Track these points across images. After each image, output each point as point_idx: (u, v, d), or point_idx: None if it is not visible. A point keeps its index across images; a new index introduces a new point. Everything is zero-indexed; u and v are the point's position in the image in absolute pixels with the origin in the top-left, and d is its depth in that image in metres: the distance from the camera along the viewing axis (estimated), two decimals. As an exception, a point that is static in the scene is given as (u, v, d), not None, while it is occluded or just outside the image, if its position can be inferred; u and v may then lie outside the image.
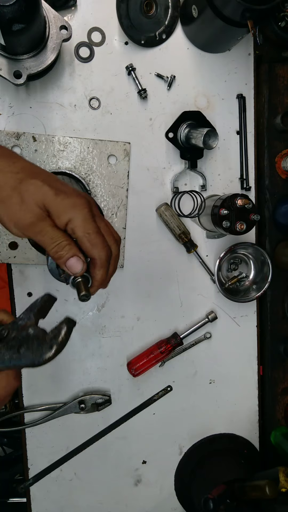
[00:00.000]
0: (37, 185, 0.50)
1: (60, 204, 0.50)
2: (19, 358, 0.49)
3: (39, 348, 0.47)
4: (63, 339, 0.47)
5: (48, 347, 0.47)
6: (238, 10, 0.68)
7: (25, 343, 0.49)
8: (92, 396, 0.89)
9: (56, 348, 0.47)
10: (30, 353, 0.48)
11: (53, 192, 0.50)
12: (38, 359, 0.47)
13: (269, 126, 0.89)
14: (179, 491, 0.97)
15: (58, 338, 0.47)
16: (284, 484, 0.79)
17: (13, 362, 0.49)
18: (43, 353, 0.47)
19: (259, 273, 0.91)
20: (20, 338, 0.50)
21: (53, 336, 0.47)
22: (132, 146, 0.86)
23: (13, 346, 0.50)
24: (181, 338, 0.89)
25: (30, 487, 0.91)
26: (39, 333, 0.49)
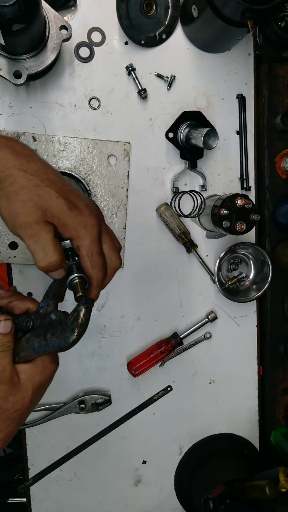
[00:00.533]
0: (51, 194, 0.49)
1: (73, 220, 0.50)
2: (46, 345, 0.50)
3: (63, 333, 0.48)
4: (83, 321, 0.47)
5: (70, 330, 0.47)
6: (238, 10, 0.68)
7: (50, 329, 0.50)
8: (92, 396, 0.89)
9: (78, 330, 0.47)
10: (56, 338, 0.49)
11: (67, 207, 0.50)
12: (64, 344, 0.48)
13: (269, 126, 0.89)
14: (179, 491, 0.97)
15: (78, 320, 0.47)
16: (284, 484, 0.79)
17: (42, 349, 0.50)
18: (68, 337, 0.47)
19: (259, 273, 0.91)
20: (45, 324, 0.51)
21: (73, 319, 0.47)
22: (132, 146, 0.86)
23: (40, 334, 0.51)
24: (181, 338, 0.89)
25: (30, 487, 0.91)
26: (61, 317, 0.50)
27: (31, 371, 0.53)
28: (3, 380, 0.51)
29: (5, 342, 0.52)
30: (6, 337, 0.52)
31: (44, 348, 0.50)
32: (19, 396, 0.52)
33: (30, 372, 0.53)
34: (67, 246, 0.53)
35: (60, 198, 0.50)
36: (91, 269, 0.52)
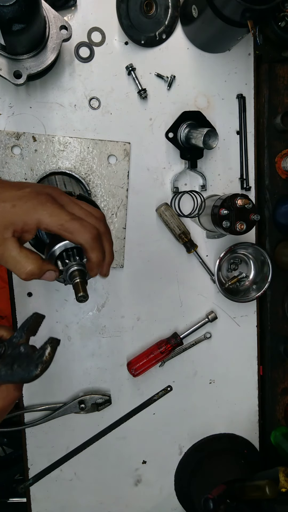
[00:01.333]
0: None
1: (21, 212, 0.49)
2: (12, 375, 0.52)
3: (28, 366, 0.51)
4: (47, 359, 0.50)
5: (34, 365, 0.50)
6: (238, 10, 0.68)
7: (17, 360, 0.53)
8: (92, 396, 0.89)
9: (42, 367, 0.50)
10: (21, 370, 0.52)
11: (10, 205, 0.49)
12: (27, 377, 0.51)
13: (269, 126, 0.89)
14: (179, 491, 0.97)
15: (43, 357, 0.50)
16: (284, 484, 0.79)
17: (7, 378, 0.53)
18: (31, 371, 0.50)
19: (259, 273, 0.91)
20: (13, 355, 0.54)
21: (39, 355, 0.51)
22: (132, 146, 0.86)
23: (8, 363, 0.53)
24: (181, 338, 0.89)
25: (30, 487, 0.91)
26: (29, 351, 0.53)
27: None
28: None
29: None
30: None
31: (9, 377, 0.52)
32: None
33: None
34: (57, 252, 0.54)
35: (0, 203, 0.49)
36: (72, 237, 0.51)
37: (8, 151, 0.80)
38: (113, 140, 0.84)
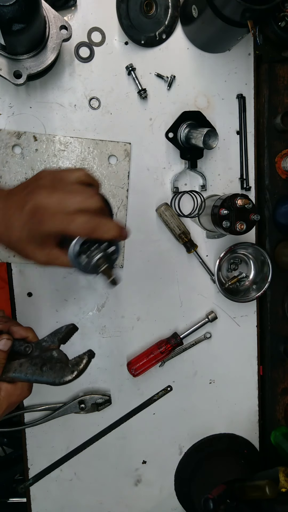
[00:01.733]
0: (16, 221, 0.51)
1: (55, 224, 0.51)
2: (41, 375, 0.56)
3: (61, 371, 0.55)
4: (83, 368, 0.55)
5: (69, 371, 0.54)
6: (238, 10, 0.68)
7: (48, 363, 0.56)
8: (92, 396, 0.89)
9: (77, 373, 0.54)
10: (53, 373, 0.55)
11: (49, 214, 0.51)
12: (59, 380, 0.54)
13: (269, 126, 0.89)
14: (179, 491, 0.97)
15: (79, 365, 0.55)
16: (284, 484, 0.79)
17: (35, 378, 0.56)
18: (64, 376, 0.54)
19: (259, 273, 0.91)
20: (44, 357, 0.57)
21: (75, 363, 0.55)
22: (132, 146, 0.86)
23: (36, 364, 0.57)
24: (181, 338, 0.89)
25: (30, 487, 0.91)
26: (63, 357, 0.57)
27: (11, 392, 0.58)
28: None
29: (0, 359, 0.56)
30: (2, 354, 0.57)
31: (37, 377, 0.56)
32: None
33: (10, 392, 0.58)
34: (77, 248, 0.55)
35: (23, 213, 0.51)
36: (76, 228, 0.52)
37: (9, 150, 0.80)
38: (114, 140, 0.84)
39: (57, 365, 0.55)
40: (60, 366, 0.55)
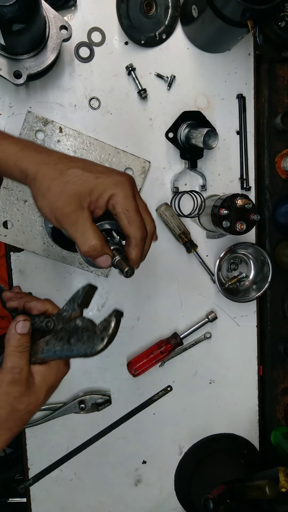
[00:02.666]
0: (76, 173, 0.51)
1: (102, 184, 0.51)
2: (70, 349, 0.50)
3: (90, 340, 0.49)
4: (113, 331, 0.48)
5: (99, 339, 0.48)
6: (238, 10, 0.68)
7: (75, 334, 0.51)
8: (92, 396, 0.89)
9: (107, 340, 0.48)
10: (82, 344, 0.49)
11: (94, 176, 0.51)
12: (90, 351, 0.48)
13: (269, 126, 0.89)
14: (179, 491, 0.97)
15: (108, 330, 0.48)
16: (284, 484, 0.79)
17: (65, 353, 0.51)
18: (95, 345, 0.48)
19: (259, 273, 0.91)
20: (68, 329, 0.52)
21: (103, 328, 0.48)
22: (132, 146, 0.86)
23: (62, 338, 0.51)
24: (181, 338, 0.89)
25: (30, 487, 0.91)
26: (88, 325, 0.50)
27: (46, 373, 0.54)
28: (19, 381, 0.51)
29: (23, 343, 0.52)
30: (24, 337, 0.53)
31: (67, 352, 0.51)
32: (33, 398, 0.52)
33: (45, 374, 0.53)
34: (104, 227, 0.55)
35: (85, 172, 0.51)
36: (128, 226, 0.52)
37: (32, 133, 0.81)
38: (136, 154, 0.84)
39: (85, 335, 0.50)
40: (88, 335, 0.49)
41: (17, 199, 0.82)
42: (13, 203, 0.82)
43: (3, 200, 0.81)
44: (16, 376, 0.51)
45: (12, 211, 0.82)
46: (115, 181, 0.52)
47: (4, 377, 0.51)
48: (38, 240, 0.83)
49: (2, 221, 0.82)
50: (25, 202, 0.82)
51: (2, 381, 0.51)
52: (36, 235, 0.83)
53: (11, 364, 0.51)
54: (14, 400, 0.51)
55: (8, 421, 0.51)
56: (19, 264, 0.85)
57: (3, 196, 0.81)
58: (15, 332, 0.52)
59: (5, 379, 0.51)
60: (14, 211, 0.82)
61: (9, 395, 0.50)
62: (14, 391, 0.51)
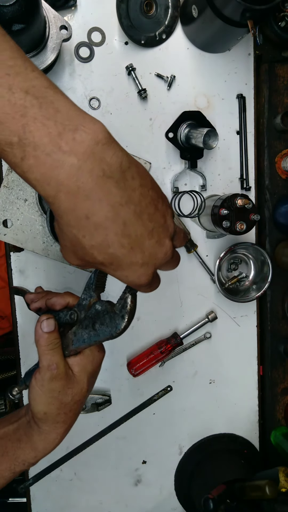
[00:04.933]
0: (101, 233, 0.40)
1: (116, 275, 0.46)
2: (97, 335, 0.52)
3: (112, 321, 0.50)
4: (132, 307, 0.49)
5: (120, 317, 0.49)
6: (238, 10, 0.68)
7: (98, 319, 0.52)
8: (92, 396, 0.89)
9: (128, 316, 0.49)
10: (106, 327, 0.51)
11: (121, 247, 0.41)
12: (115, 331, 0.50)
13: (269, 126, 0.89)
14: (179, 491, 0.97)
15: (126, 307, 0.49)
16: (284, 484, 0.79)
17: (93, 339, 0.52)
18: (118, 324, 0.49)
19: (259, 273, 0.91)
20: (91, 316, 0.53)
21: (121, 306, 0.50)
22: (132, 146, 0.86)
23: (87, 325, 0.53)
24: (181, 338, 0.89)
25: (30, 487, 0.91)
26: (107, 307, 0.52)
27: (83, 362, 0.55)
28: (59, 376, 0.52)
29: (52, 340, 0.53)
30: (52, 334, 0.54)
31: (95, 338, 0.52)
32: (77, 388, 0.54)
33: (82, 364, 0.55)
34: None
35: (118, 236, 0.40)
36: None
37: None
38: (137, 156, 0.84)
39: (106, 318, 0.51)
40: (109, 316, 0.50)
41: (17, 198, 0.82)
42: (13, 202, 0.82)
43: (3, 199, 0.81)
44: (54, 372, 0.52)
45: (12, 210, 0.82)
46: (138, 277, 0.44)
47: (43, 376, 0.52)
48: (38, 239, 0.83)
49: (2, 220, 0.82)
50: (25, 201, 0.82)
51: (43, 380, 0.52)
52: (36, 234, 0.83)
53: (47, 362, 0.52)
54: (59, 395, 0.52)
55: (59, 414, 0.53)
56: (19, 264, 0.85)
57: (3, 195, 0.81)
58: (42, 332, 0.53)
59: (45, 377, 0.52)
60: (14, 210, 0.82)
61: (53, 391, 0.52)
62: (56, 386, 0.52)
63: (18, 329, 0.86)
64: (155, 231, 0.41)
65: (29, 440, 0.55)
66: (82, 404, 0.56)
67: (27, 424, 0.56)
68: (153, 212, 0.41)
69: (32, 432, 0.55)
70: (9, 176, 0.81)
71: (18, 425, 0.57)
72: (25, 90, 0.34)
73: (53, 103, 0.36)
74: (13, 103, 0.34)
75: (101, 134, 0.39)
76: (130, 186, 0.38)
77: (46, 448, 0.55)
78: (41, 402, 0.52)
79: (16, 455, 0.55)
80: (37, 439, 0.54)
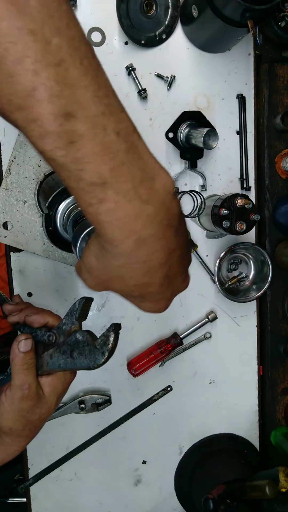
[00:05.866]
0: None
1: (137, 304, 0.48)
2: (74, 363, 0.52)
3: (91, 354, 0.51)
4: (113, 345, 0.50)
5: (100, 353, 0.50)
6: (238, 10, 0.68)
7: (76, 348, 0.52)
8: (92, 396, 0.89)
9: (107, 354, 0.50)
10: (84, 358, 0.51)
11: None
12: (93, 365, 0.50)
13: (269, 126, 0.89)
14: (179, 491, 0.97)
15: (108, 345, 0.50)
16: (284, 484, 0.79)
17: (69, 366, 0.53)
18: (97, 359, 0.50)
19: (259, 273, 0.91)
20: (70, 343, 0.53)
21: (102, 343, 0.50)
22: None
23: (65, 351, 0.53)
24: (181, 338, 0.89)
25: (30, 487, 0.91)
26: (88, 339, 0.52)
27: (54, 383, 0.56)
28: (29, 396, 0.53)
29: (27, 360, 0.54)
30: (28, 354, 0.54)
31: (71, 365, 0.53)
32: (45, 408, 0.55)
33: (53, 384, 0.56)
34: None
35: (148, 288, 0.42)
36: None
37: None
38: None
39: (86, 349, 0.51)
40: (89, 349, 0.51)
41: (17, 200, 0.82)
42: (13, 204, 0.82)
43: (3, 201, 0.81)
44: (25, 392, 0.53)
45: (11, 212, 0.82)
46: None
47: (14, 394, 0.53)
48: (38, 240, 0.83)
49: (2, 222, 0.82)
50: (24, 203, 0.82)
51: (14, 398, 0.53)
52: (36, 235, 0.83)
53: (19, 382, 0.53)
54: (27, 414, 0.54)
55: (24, 430, 0.55)
56: (19, 264, 0.85)
57: (2, 197, 0.81)
58: (19, 351, 0.54)
59: (15, 396, 0.53)
60: (14, 212, 0.82)
61: (22, 410, 0.53)
62: (26, 405, 0.53)
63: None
64: (184, 268, 0.43)
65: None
66: (46, 421, 0.57)
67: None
68: (186, 251, 0.42)
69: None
70: (8, 178, 0.81)
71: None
72: (117, 132, 0.34)
73: (137, 148, 0.37)
74: (105, 144, 0.32)
75: (172, 186, 0.39)
76: (180, 232, 0.39)
77: (5, 458, 0.56)
78: (8, 418, 0.53)
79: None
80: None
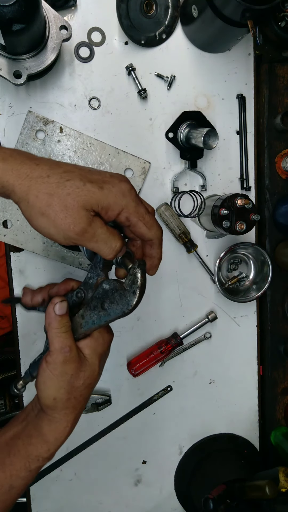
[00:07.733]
0: (77, 184, 0.47)
1: (109, 196, 0.48)
2: (107, 314, 0.51)
3: (123, 298, 0.49)
4: (142, 282, 0.48)
5: (131, 293, 0.48)
6: (238, 10, 0.68)
7: (106, 299, 0.51)
8: (92, 396, 0.89)
9: (139, 292, 0.48)
10: (116, 305, 0.50)
11: (97, 186, 0.48)
12: (127, 308, 0.49)
13: (269, 126, 0.89)
14: (179, 491, 0.97)
15: (137, 282, 0.48)
16: (284, 484, 0.79)
17: (104, 319, 0.51)
18: (130, 301, 0.48)
19: (259, 273, 0.91)
20: (98, 296, 0.52)
21: (131, 283, 0.48)
22: (132, 146, 0.86)
23: (96, 306, 0.52)
24: (181, 338, 0.89)
25: (30, 487, 0.91)
26: (116, 285, 0.50)
27: (93, 345, 0.54)
28: (72, 359, 0.52)
29: (65, 323, 0.53)
30: (65, 317, 0.53)
31: (105, 317, 0.51)
32: (89, 371, 0.54)
33: (92, 346, 0.54)
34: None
35: (87, 183, 0.48)
36: (149, 231, 0.51)
37: (33, 133, 0.80)
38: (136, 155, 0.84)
39: (116, 295, 0.50)
40: (119, 294, 0.49)
41: (17, 199, 0.82)
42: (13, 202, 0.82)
43: (2, 199, 0.81)
44: (67, 355, 0.52)
45: (11, 211, 0.82)
46: (121, 191, 0.49)
47: (56, 359, 0.52)
48: (37, 239, 0.83)
49: (1, 220, 0.82)
50: (25, 202, 0.82)
51: (55, 363, 0.52)
52: (35, 234, 0.83)
53: (60, 345, 0.52)
54: (71, 378, 0.52)
55: (69, 399, 0.53)
56: (19, 264, 0.85)
57: (3, 196, 0.81)
58: (55, 314, 0.53)
59: (57, 360, 0.52)
60: (14, 210, 0.82)
61: (66, 374, 0.52)
62: (69, 369, 0.52)
63: (18, 329, 0.86)
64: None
65: (40, 433, 0.54)
66: (93, 388, 0.55)
67: (36, 417, 0.55)
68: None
69: (42, 424, 0.54)
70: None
71: (27, 421, 0.56)
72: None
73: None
74: None
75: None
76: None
77: (58, 439, 0.54)
78: (52, 386, 0.52)
79: (29, 452, 0.54)
80: (47, 430, 0.54)
